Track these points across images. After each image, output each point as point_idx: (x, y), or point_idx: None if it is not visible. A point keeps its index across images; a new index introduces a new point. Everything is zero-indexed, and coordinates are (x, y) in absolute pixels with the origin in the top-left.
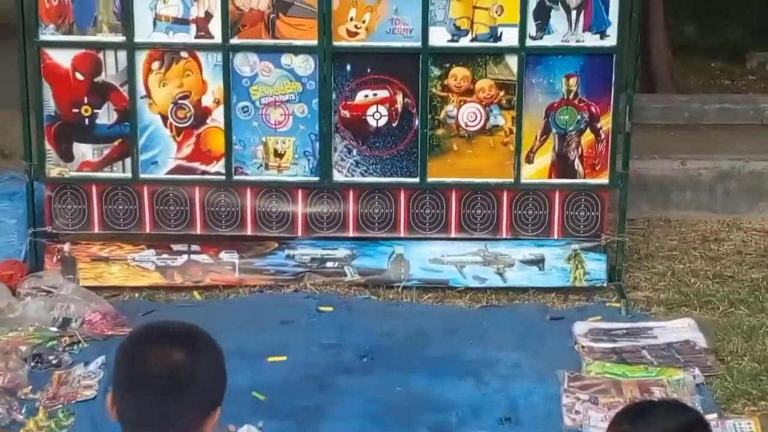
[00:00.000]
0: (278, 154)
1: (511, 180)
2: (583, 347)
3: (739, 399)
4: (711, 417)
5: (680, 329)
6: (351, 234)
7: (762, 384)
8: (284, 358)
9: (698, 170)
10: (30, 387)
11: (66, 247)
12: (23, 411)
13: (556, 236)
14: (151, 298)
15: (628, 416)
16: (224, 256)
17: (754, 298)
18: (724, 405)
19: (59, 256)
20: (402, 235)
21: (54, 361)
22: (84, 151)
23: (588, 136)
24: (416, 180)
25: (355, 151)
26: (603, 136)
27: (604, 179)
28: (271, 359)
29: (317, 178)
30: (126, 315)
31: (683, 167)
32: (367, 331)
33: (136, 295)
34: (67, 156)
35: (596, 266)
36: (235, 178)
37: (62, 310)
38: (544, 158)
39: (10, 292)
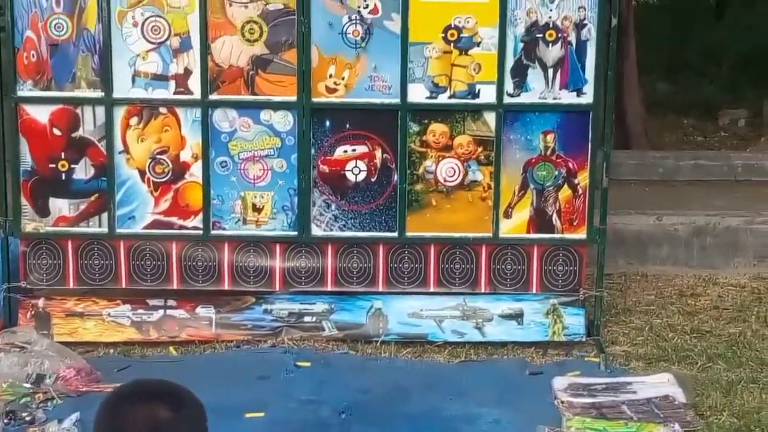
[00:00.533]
0: (257, 209)
1: (490, 234)
2: (562, 402)
3: None
4: None
5: (659, 384)
6: (329, 288)
7: None
8: (262, 414)
9: (674, 225)
10: None
11: (40, 302)
12: None
13: (534, 290)
14: (125, 353)
15: None
16: (201, 311)
17: (731, 353)
18: None
19: (33, 312)
20: (381, 289)
21: (27, 418)
22: (60, 206)
23: (565, 192)
24: (395, 234)
25: (333, 206)
26: (580, 191)
27: (582, 234)
28: (248, 415)
29: (295, 233)
30: (101, 371)
31: (659, 222)
32: (345, 386)
33: (111, 350)
34: (43, 211)
35: (575, 321)
36: (213, 232)
37: (36, 366)
38: (523, 213)
39: None
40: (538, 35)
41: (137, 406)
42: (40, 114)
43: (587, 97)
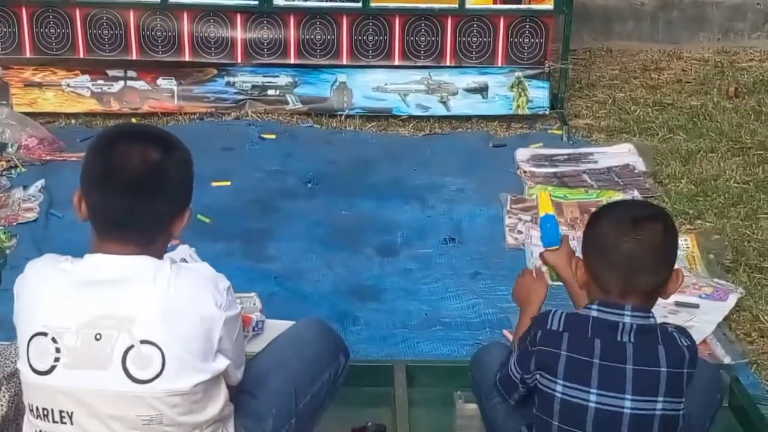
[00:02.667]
0: None
1: (456, 5)
2: (525, 172)
3: (676, 219)
4: None
5: (620, 154)
6: (292, 61)
7: (698, 204)
8: (228, 183)
9: (641, 0)
10: None
11: None
12: None
13: (499, 64)
14: (87, 124)
15: (602, 211)
16: (162, 82)
17: (692, 124)
18: None
19: None
20: (344, 62)
21: None
22: None
23: None
24: (359, 5)
25: None
26: None
27: (549, 5)
28: (215, 184)
29: (256, 2)
30: (63, 141)
31: None
32: (310, 158)
33: (72, 121)
34: None
35: (539, 94)
36: (171, 0)
37: None
38: None
39: None
40: None
41: (129, 145)
42: None
43: None
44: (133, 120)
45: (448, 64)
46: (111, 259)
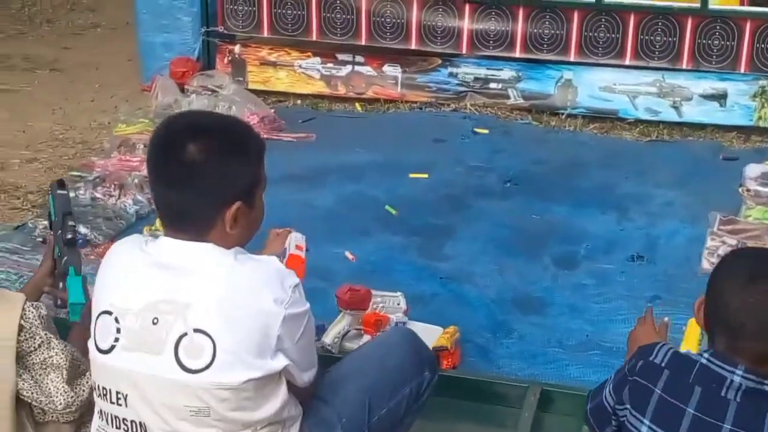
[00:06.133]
0: None
1: (698, 5)
2: (748, 190)
3: None
4: None
5: None
6: (518, 54)
7: None
8: (426, 175)
9: None
10: None
11: (237, 48)
12: None
13: (742, 70)
14: (314, 106)
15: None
16: (388, 69)
17: None
18: None
19: (230, 58)
20: (572, 59)
21: None
22: None
23: None
24: (592, 0)
25: None
26: None
27: None
28: (412, 176)
29: None
30: (286, 120)
31: None
32: (518, 156)
33: (299, 102)
34: None
35: None
36: None
37: (223, 110)
38: None
39: (179, 89)
40: None
41: (170, 139)
42: None
43: None
44: (357, 105)
45: (684, 66)
46: (177, 245)
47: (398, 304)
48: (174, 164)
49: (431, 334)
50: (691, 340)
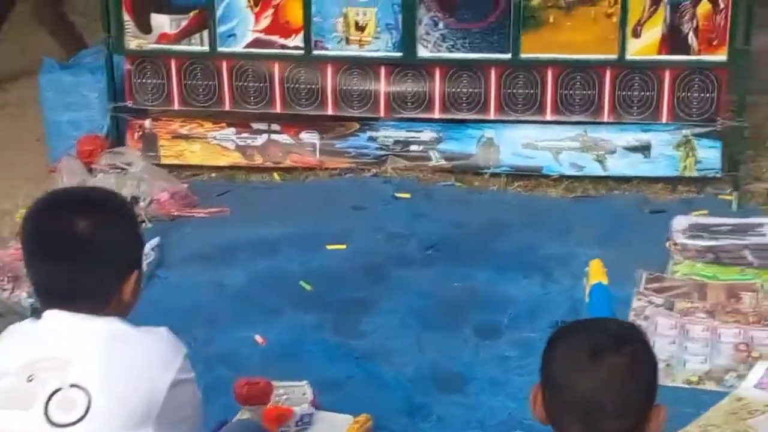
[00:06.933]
0: (359, 27)
1: (615, 56)
2: (675, 244)
3: None
4: None
5: None
6: (437, 115)
7: None
8: (343, 246)
9: None
10: None
11: (147, 123)
12: None
13: (664, 120)
14: (230, 178)
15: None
16: (305, 136)
17: None
18: None
19: (141, 133)
20: (492, 117)
21: None
22: (161, 22)
23: (704, 6)
24: (508, 56)
25: (441, 24)
26: (722, 5)
27: (722, 55)
28: (329, 247)
29: (400, 54)
30: (201, 194)
31: None
32: (440, 220)
33: (214, 174)
34: (145, 28)
35: (710, 154)
36: (315, 52)
37: (132, 188)
38: (653, 32)
39: (86, 170)
40: None
41: (54, 214)
42: None
43: None
44: (276, 175)
45: (606, 119)
46: (64, 318)
47: (304, 394)
48: (65, 241)
49: (340, 425)
50: (598, 274)
